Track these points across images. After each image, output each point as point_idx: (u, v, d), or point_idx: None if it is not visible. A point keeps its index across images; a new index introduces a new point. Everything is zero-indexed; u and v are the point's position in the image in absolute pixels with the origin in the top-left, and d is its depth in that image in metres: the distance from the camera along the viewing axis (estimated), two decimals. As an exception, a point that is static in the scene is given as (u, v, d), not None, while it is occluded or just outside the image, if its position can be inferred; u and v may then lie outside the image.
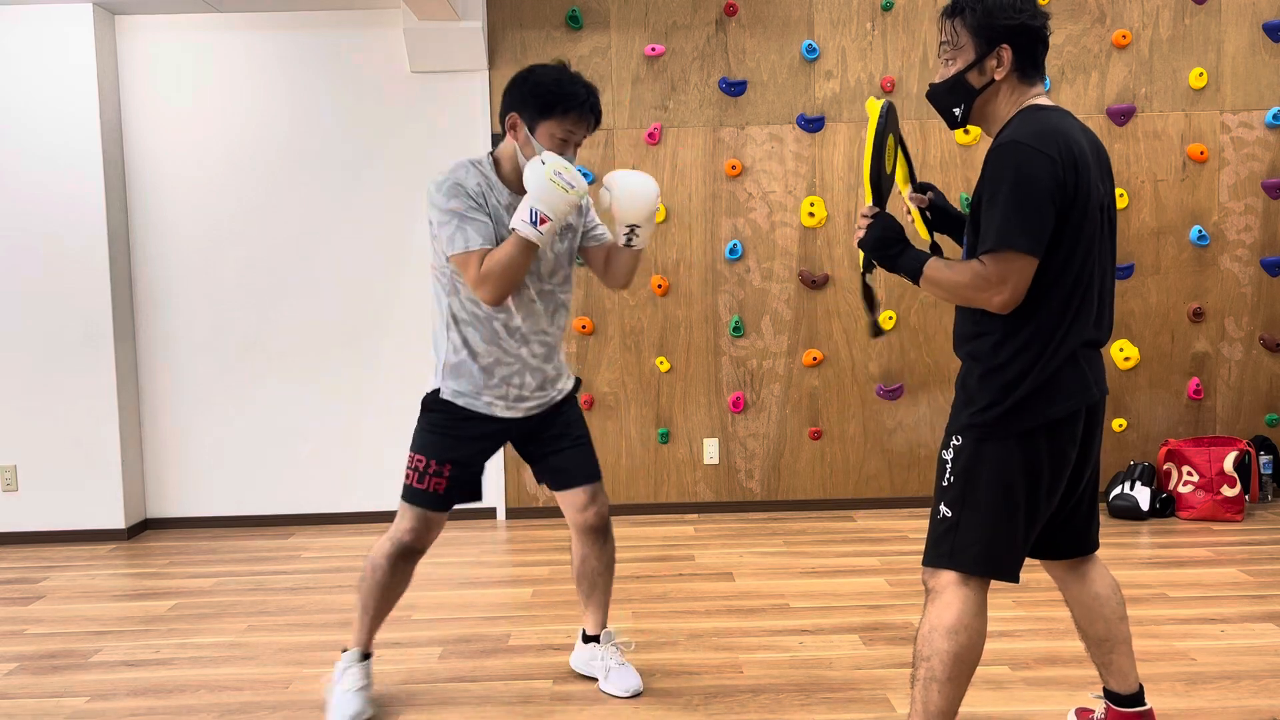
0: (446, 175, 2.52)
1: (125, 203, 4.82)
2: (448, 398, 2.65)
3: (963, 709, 2.12)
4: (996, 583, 2.12)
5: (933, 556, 2.12)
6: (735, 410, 4.90)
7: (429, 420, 2.68)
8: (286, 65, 4.80)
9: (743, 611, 3.51)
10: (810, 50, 4.76)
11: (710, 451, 4.91)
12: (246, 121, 4.81)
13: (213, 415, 4.88)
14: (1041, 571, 2.39)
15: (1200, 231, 4.82)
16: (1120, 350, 4.86)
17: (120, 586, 4.07)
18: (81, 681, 3.06)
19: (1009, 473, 2.05)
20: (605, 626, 2.94)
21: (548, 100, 2.46)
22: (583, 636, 2.97)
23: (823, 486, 4.94)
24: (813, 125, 4.80)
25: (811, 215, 4.81)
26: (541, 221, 2.40)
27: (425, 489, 2.64)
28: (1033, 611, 3.36)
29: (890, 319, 4.84)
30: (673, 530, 4.62)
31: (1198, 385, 4.90)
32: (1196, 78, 4.78)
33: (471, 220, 2.47)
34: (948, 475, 2.11)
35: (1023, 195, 1.95)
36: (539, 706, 2.80)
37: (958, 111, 2.15)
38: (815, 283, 4.84)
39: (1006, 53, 2.06)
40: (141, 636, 3.44)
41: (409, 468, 2.67)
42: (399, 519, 2.68)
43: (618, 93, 4.80)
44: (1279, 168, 4.85)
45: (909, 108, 4.79)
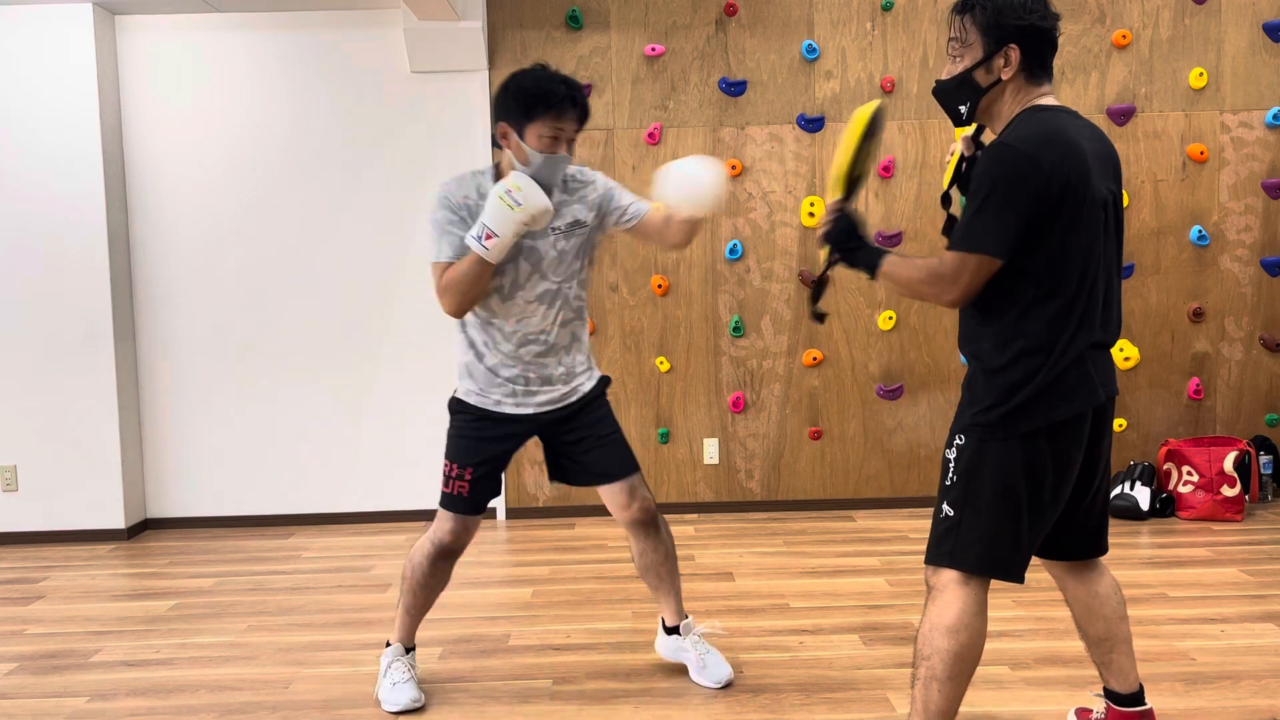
0: (441, 186, 2.61)
1: (125, 203, 4.82)
2: (461, 396, 2.74)
3: (963, 709, 2.12)
4: (997, 582, 2.12)
5: (935, 555, 2.12)
6: (735, 410, 4.90)
7: (453, 426, 2.77)
8: (286, 65, 4.80)
9: (743, 611, 3.51)
10: (810, 50, 4.76)
11: (710, 451, 4.91)
12: (246, 121, 4.81)
13: (213, 415, 4.88)
14: (1042, 571, 2.39)
15: (1200, 231, 4.82)
16: (1120, 350, 4.86)
17: (120, 586, 4.07)
18: (81, 681, 3.06)
19: (1011, 473, 2.05)
20: (684, 616, 2.96)
21: (528, 102, 2.50)
22: (664, 627, 2.99)
23: (823, 486, 4.94)
24: (813, 125, 4.80)
25: (811, 215, 4.81)
26: (487, 237, 2.45)
27: (453, 494, 2.73)
28: (1033, 611, 3.36)
29: (890, 319, 4.84)
30: (673, 530, 4.58)
31: (1198, 385, 4.90)
32: (1196, 78, 4.79)
33: (447, 233, 2.55)
34: (950, 474, 2.11)
35: (997, 198, 1.96)
36: (539, 706, 2.80)
37: (963, 109, 2.15)
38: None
39: (1014, 53, 2.06)
40: (141, 636, 3.44)
41: (442, 473, 2.76)
42: (438, 521, 2.76)
43: (618, 93, 4.80)
44: (1279, 168, 4.85)
45: (909, 108, 4.79)
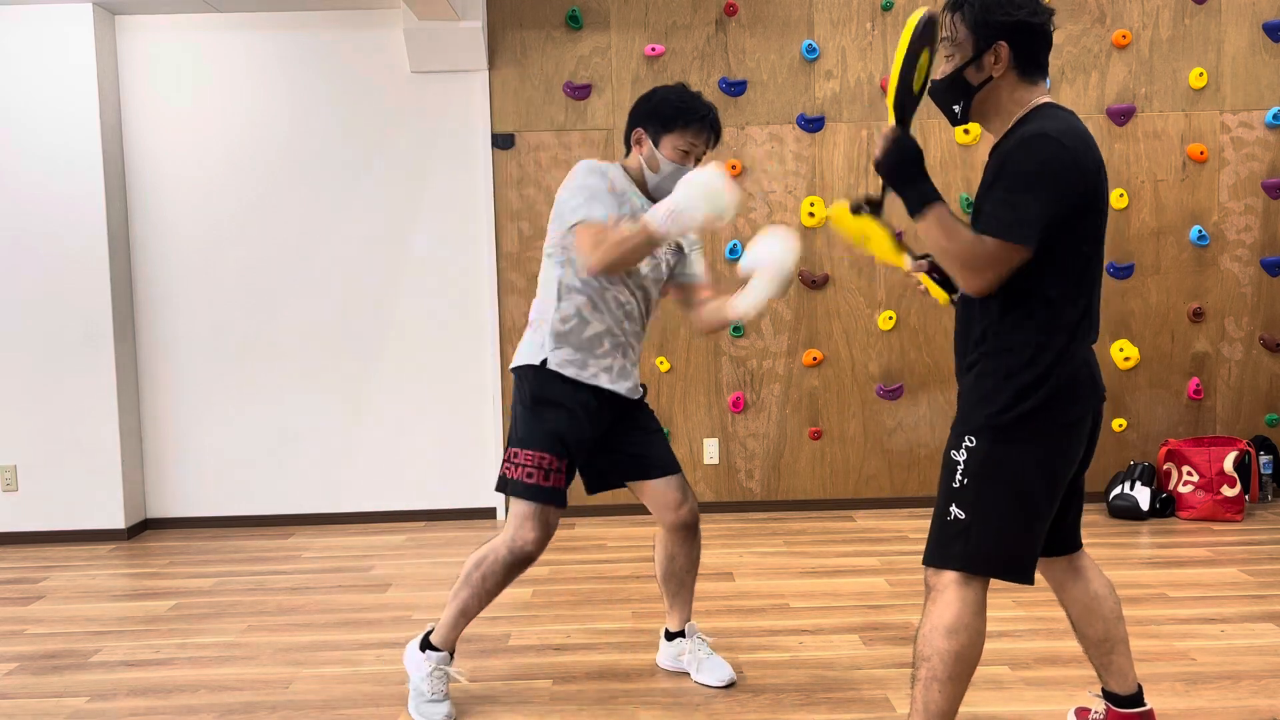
0: (585, 162, 2.64)
1: (125, 203, 4.82)
2: (555, 367, 2.63)
3: (963, 709, 2.12)
4: (997, 582, 2.11)
5: (940, 556, 2.09)
6: (735, 410, 4.90)
7: (540, 414, 2.63)
8: (286, 65, 4.80)
9: (743, 611, 3.51)
10: (810, 50, 4.76)
11: (710, 451, 4.91)
12: (246, 121, 4.81)
13: (213, 415, 4.89)
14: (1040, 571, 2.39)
15: (1200, 231, 4.82)
16: (1120, 350, 4.86)
17: (120, 586, 4.07)
18: (81, 681, 3.06)
19: (1026, 474, 2.03)
20: (689, 620, 2.98)
21: (671, 115, 2.63)
22: (666, 635, 3.00)
23: (823, 486, 4.94)
24: (813, 125, 4.80)
25: (811, 215, 4.81)
26: (673, 217, 2.40)
27: (553, 486, 2.61)
28: (1033, 611, 3.36)
29: (890, 319, 4.84)
30: (673, 530, 4.60)
31: (1198, 385, 4.90)
32: (1196, 78, 4.78)
33: (601, 199, 2.56)
34: (959, 476, 2.07)
35: (1043, 188, 1.92)
36: (539, 706, 2.80)
37: (957, 108, 2.13)
38: (815, 283, 4.84)
39: (1004, 50, 2.04)
40: (141, 636, 3.44)
41: (531, 466, 2.61)
42: (519, 526, 2.63)
43: (618, 93, 4.80)
44: (1279, 168, 4.85)
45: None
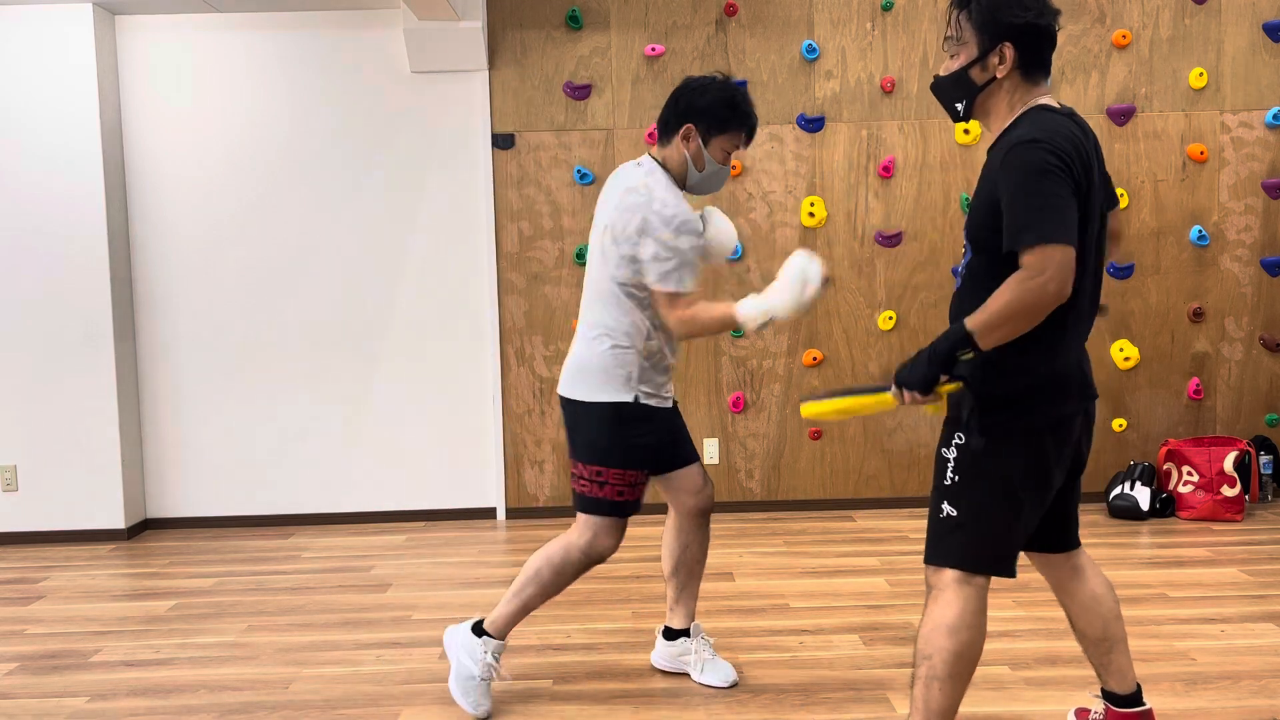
0: (674, 209, 2.58)
1: (125, 203, 4.82)
2: (646, 403, 2.70)
3: (963, 709, 2.12)
4: (997, 582, 2.12)
5: (935, 554, 2.11)
6: (735, 410, 4.90)
7: (632, 433, 2.68)
8: (286, 65, 4.80)
9: (743, 611, 3.51)
10: (810, 50, 4.76)
11: (710, 451, 4.91)
12: (246, 121, 4.81)
13: (213, 415, 4.88)
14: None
15: (1200, 231, 4.82)
16: (1120, 350, 4.86)
17: (120, 586, 4.07)
18: (81, 681, 3.06)
19: (1014, 471, 2.04)
20: (695, 619, 2.97)
21: (727, 116, 2.64)
22: (665, 634, 2.97)
23: (823, 486, 4.94)
24: (813, 125, 4.80)
25: (811, 215, 4.81)
26: (766, 320, 2.52)
27: (633, 500, 2.71)
28: (1033, 611, 3.36)
29: (890, 319, 4.84)
30: (673, 530, 4.60)
31: (1198, 385, 4.90)
32: (1196, 78, 4.78)
33: (691, 265, 2.61)
34: (950, 473, 2.09)
35: (1050, 190, 1.91)
36: (539, 706, 2.80)
37: (960, 106, 2.14)
38: (815, 283, 4.83)
39: (1009, 50, 2.04)
40: (141, 636, 3.44)
41: (622, 485, 2.68)
42: (599, 534, 2.70)
43: (618, 93, 4.80)
44: (1279, 168, 4.85)
45: (909, 107, 4.79)
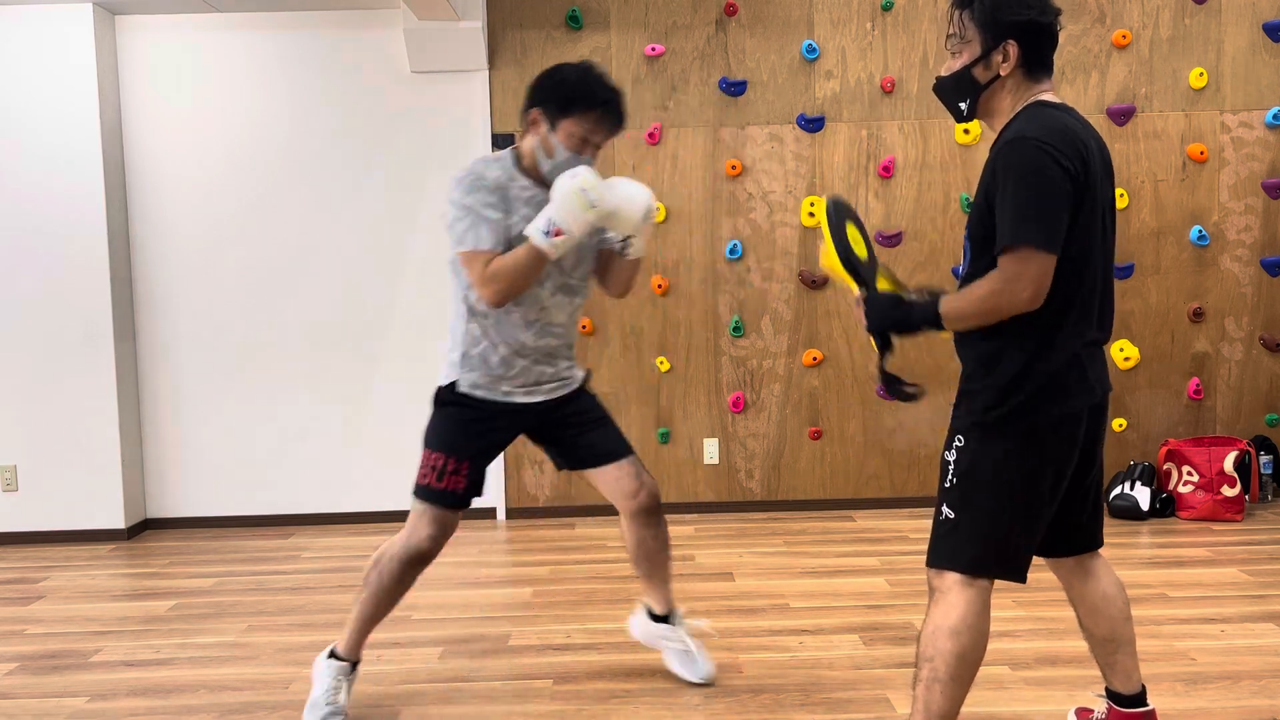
0: (468, 169, 2.52)
1: (125, 203, 4.82)
2: (465, 390, 2.62)
3: (963, 709, 2.12)
4: (998, 582, 2.12)
5: (936, 557, 2.11)
6: (735, 410, 4.90)
7: (446, 416, 2.64)
8: (286, 65, 4.80)
9: (743, 611, 3.51)
10: (810, 50, 4.76)
11: (710, 451, 4.91)
12: (246, 121, 4.81)
13: (213, 415, 4.88)
14: (1042, 571, 2.38)
15: (1200, 231, 4.82)
16: (1120, 350, 4.86)
17: (120, 586, 4.07)
18: (81, 681, 3.06)
19: (1012, 473, 2.04)
20: (674, 607, 2.93)
21: (570, 97, 2.47)
22: (649, 614, 2.95)
23: (823, 486, 4.94)
24: (813, 125, 4.80)
25: (811, 215, 4.81)
26: (556, 234, 2.39)
27: (445, 488, 2.59)
28: (1033, 611, 3.36)
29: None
30: (673, 530, 4.53)
31: (1198, 385, 4.90)
32: (1196, 78, 4.78)
33: (485, 219, 2.46)
34: (950, 476, 2.10)
35: (1036, 191, 1.92)
36: (539, 706, 2.80)
37: (963, 106, 2.13)
38: (815, 283, 4.84)
39: (1013, 48, 2.04)
40: (141, 636, 3.44)
41: (426, 466, 2.61)
42: (415, 524, 2.61)
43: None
44: (1279, 168, 4.85)
45: (909, 108, 4.79)
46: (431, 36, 4.61)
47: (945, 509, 2.10)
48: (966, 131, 4.77)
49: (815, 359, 4.87)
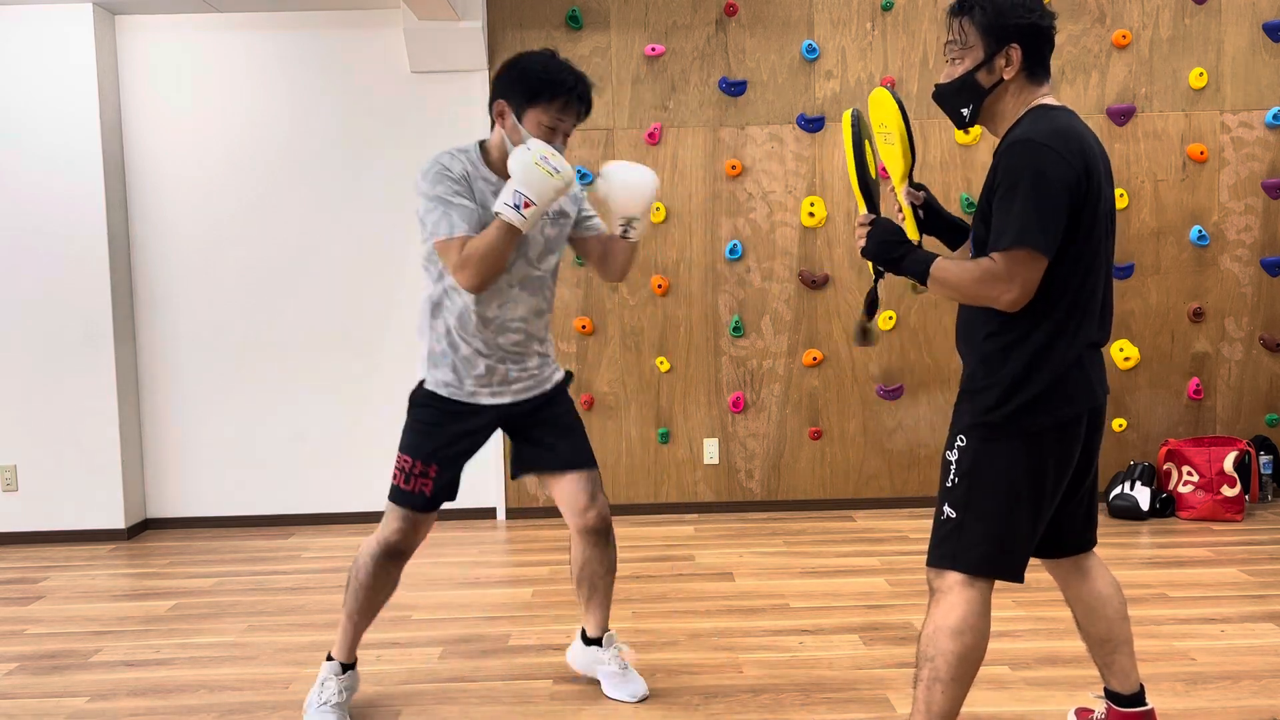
0: (432, 161, 2.50)
1: (125, 203, 4.82)
2: (432, 388, 2.62)
3: (963, 709, 2.12)
4: (998, 582, 2.12)
5: (937, 557, 2.11)
6: (735, 410, 4.90)
7: (415, 418, 2.64)
8: (286, 65, 4.80)
9: (743, 611, 3.51)
10: (810, 50, 4.76)
11: (710, 451, 4.91)
12: (246, 121, 4.81)
13: (213, 415, 4.88)
14: (1042, 571, 2.39)
15: (1200, 231, 4.82)
16: (1120, 350, 4.86)
17: (120, 586, 4.07)
18: (81, 681, 3.06)
19: (1014, 473, 2.04)
20: (607, 629, 2.89)
21: (535, 86, 2.44)
22: (582, 637, 2.91)
23: (823, 486, 4.94)
24: (813, 125, 4.80)
25: (811, 215, 4.81)
26: (525, 205, 2.36)
27: (411, 490, 2.60)
28: (1033, 611, 3.36)
29: (890, 319, 4.84)
30: (673, 530, 4.62)
31: (1198, 385, 4.90)
32: (1196, 78, 4.78)
33: (456, 206, 2.44)
34: (952, 476, 2.10)
35: (1038, 193, 1.93)
36: (539, 706, 2.80)
37: (966, 111, 2.14)
38: (815, 283, 4.84)
39: (1016, 52, 2.05)
40: (141, 636, 3.44)
41: (395, 468, 2.63)
42: (386, 520, 2.63)
43: (618, 93, 4.79)
44: (1279, 168, 4.85)
45: (909, 108, 4.73)
46: (431, 36, 4.61)
47: (947, 509, 2.10)
48: (967, 132, 4.76)
49: (815, 359, 4.87)
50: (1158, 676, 2.82)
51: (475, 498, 4.94)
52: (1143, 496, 4.62)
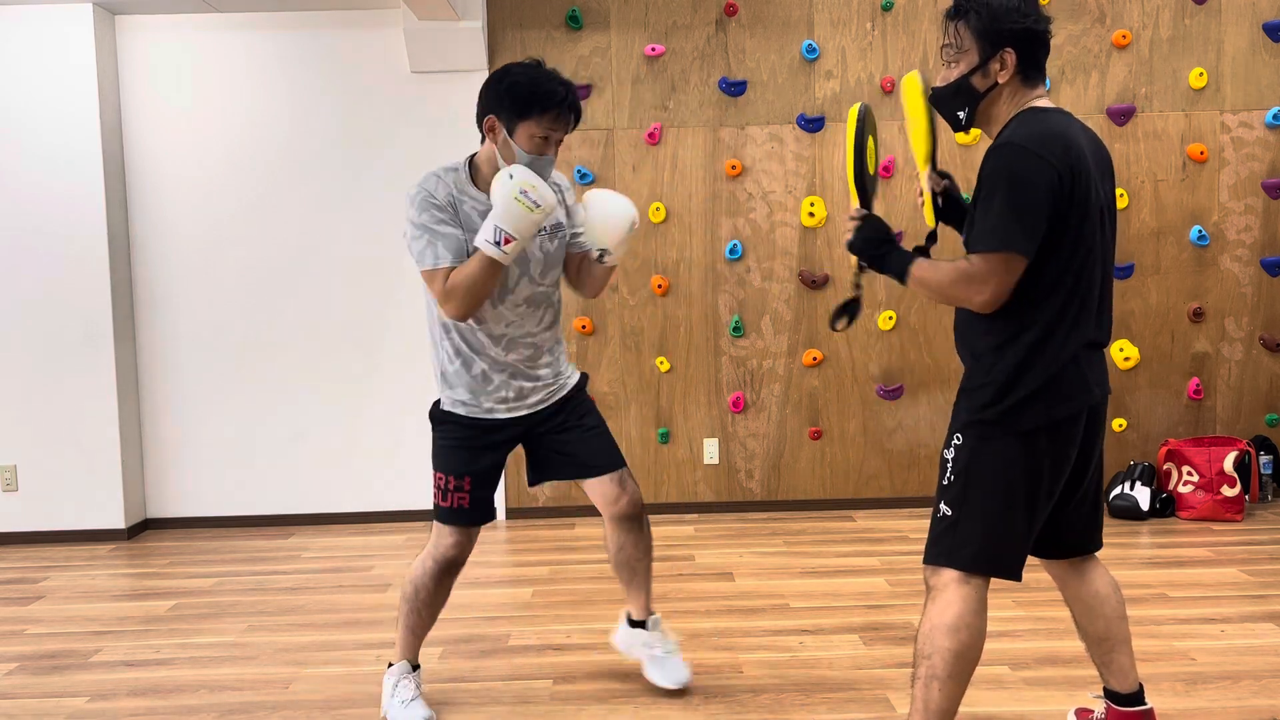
0: (417, 187, 2.48)
1: (125, 203, 4.82)
2: (449, 408, 2.64)
3: (963, 708, 2.12)
4: (997, 582, 2.12)
5: (933, 554, 2.12)
6: (735, 410, 4.90)
7: (440, 435, 2.66)
8: (286, 65, 4.80)
9: (743, 611, 3.51)
10: (810, 50, 4.76)
11: (710, 451, 4.91)
12: (246, 121, 4.81)
13: (213, 415, 4.88)
14: (1042, 571, 2.39)
15: (1200, 231, 4.82)
16: (1120, 350, 4.86)
17: (120, 586, 4.07)
18: (81, 681, 3.06)
19: (1009, 472, 2.05)
20: (651, 612, 2.91)
21: (525, 100, 2.41)
22: (628, 620, 2.93)
23: (823, 486, 4.94)
24: (813, 125, 4.80)
25: (811, 215, 4.81)
26: (506, 241, 2.35)
27: (450, 506, 2.62)
28: (1033, 611, 3.36)
29: (890, 319, 4.84)
30: (673, 530, 4.61)
31: (1198, 385, 4.90)
32: (1196, 78, 4.79)
33: (441, 235, 2.43)
34: (948, 474, 2.11)
35: (1016, 197, 1.96)
36: (539, 706, 2.80)
37: (962, 115, 2.17)
38: (815, 283, 4.84)
39: (1010, 56, 2.07)
40: (141, 636, 3.44)
41: (434, 486, 2.66)
42: (437, 537, 2.65)
43: (618, 93, 4.79)
44: (1279, 168, 4.85)
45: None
46: (431, 36, 4.61)
47: (943, 506, 2.12)
48: (966, 132, 4.76)
49: (815, 359, 4.87)
50: (1158, 676, 2.82)
51: (475, 498, 4.93)
52: (1143, 496, 4.63)
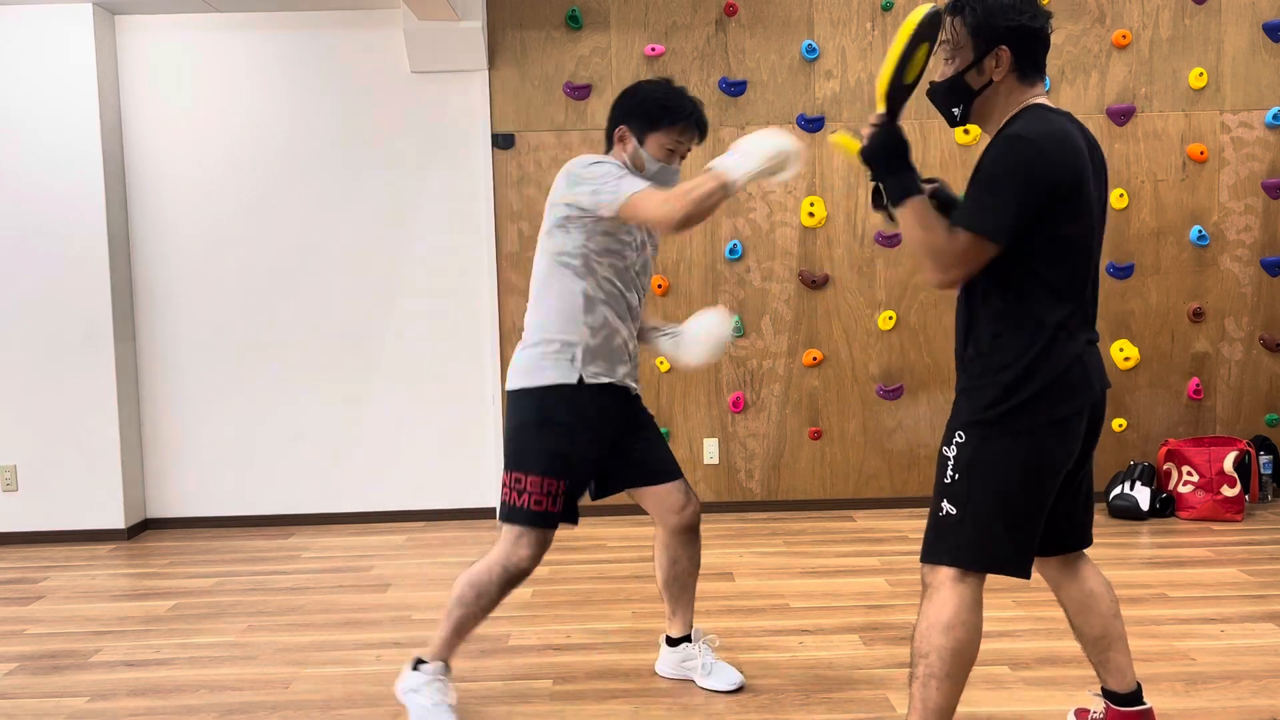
0: (576, 161, 2.55)
1: (125, 203, 4.82)
2: (591, 381, 2.60)
3: (962, 708, 2.12)
4: (997, 581, 2.12)
5: (933, 552, 2.11)
6: (735, 410, 4.90)
7: (545, 432, 2.57)
8: (286, 65, 4.80)
9: (742, 611, 3.51)
10: (810, 50, 4.77)
11: (710, 451, 4.91)
12: (246, 121, 4.81)
13: (213, 415, 4.88)
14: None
15: (1200, 231, 4.82)
16: (1120, 350, 4.86)
17: (120, 586, 4.07)
18: (81, 681, 3.06)
19: (1013, 469, 2.05)
20: (694, 625, 2.93)
21: (657, 113, 2.58)
22: (668, 641, 2.93)
23: (823, 486, 4.94)
24: (813, 125, 4.80)
25: (811, 215, 4.81)
26: (744, 171, 2.34)
27: (542, 511, 2.56)
28: (1033, 611, 3.36)
29: (890, 319, 4.84)
30: (673, 530, 4.60)
31: (1198, 385, 4.90)
32: (1196, 78, 4.79)
33: (629, 175, 2.51)
34: (950, 472, 2.10)
35: (1018, 186, 1.96)
36: (539, 706, 2.80)
37: (956, 111, 2.16)
38: (815, 283, 4.84)
39: (1005, 54, 2.07)
40: (141, 636, 3.44)
41: (528, 492, 2.56)
42: (514, 546, 2.57)
43: (617, 93, 4.78)
44: (1279, 168, 4.85)
45: (909, 108, 4.76)
46: (431, 36, 4.61)
47: (947, 504, 2.09)
48: (966, 132, 4.77)
49: (815, 359, 4.87)
50: (1157, 676, 2.82)
51: (475, 498, 4.94)
52: (1143, 496, 4.62)
